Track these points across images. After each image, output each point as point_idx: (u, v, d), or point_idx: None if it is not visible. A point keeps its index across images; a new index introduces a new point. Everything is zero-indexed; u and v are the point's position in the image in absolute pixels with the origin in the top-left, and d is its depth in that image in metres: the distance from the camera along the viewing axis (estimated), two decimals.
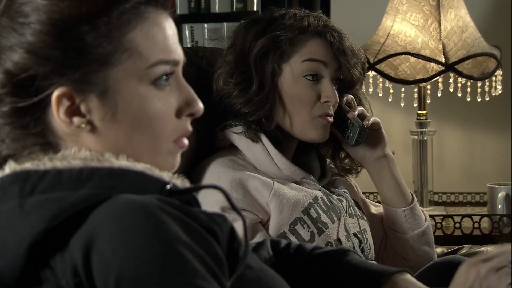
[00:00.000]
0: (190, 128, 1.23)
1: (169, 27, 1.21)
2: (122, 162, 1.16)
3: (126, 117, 1.17)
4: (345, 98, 1.99)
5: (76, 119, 1.17)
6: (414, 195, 2.07)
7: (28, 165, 1.15)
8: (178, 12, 3.10)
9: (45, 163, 1.15)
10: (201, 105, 1.23)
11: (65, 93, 1.15)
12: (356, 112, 1.96)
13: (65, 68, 1.14)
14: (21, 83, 1.15)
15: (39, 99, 1.15)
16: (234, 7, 3.13)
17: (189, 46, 3.06)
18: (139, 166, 1.16)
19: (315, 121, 1.92)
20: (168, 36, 1.20)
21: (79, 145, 1.18)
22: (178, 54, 1.22)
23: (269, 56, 1.91)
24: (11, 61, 1.15)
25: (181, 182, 1.18)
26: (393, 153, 2.07)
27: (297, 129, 1.93)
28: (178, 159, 1.23)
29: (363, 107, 2.03)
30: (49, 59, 1.14)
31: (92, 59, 1.15)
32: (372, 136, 2.00)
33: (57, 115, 1.16)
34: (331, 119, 1.93)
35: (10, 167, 1.16)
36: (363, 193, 2.17)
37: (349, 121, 1.96)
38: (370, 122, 1.97)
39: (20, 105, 1.16)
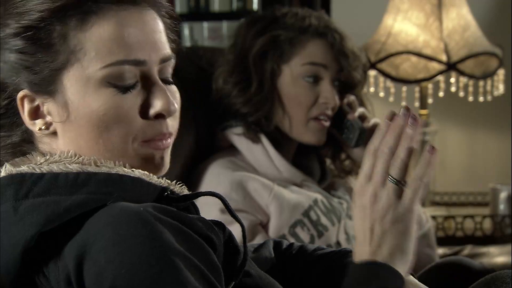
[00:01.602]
0: (165, 129, 1.17)
1: (135, 25, 1.15)
2: (120, 168, 1.14)
3: (81, 119, 1.15)
4: (346, 99, 1.97)
5: (38, 122, 1.16)
6: None
7: (24, 168, 1.14)
8: (177, 10, 3.08)
9: (42, 166, 1.14)
10: (170, 104, 1.16)
11: (25, 95, 1.15)
12: (357, 114, 1.95)
13: (21, 71, 1.15)
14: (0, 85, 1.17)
15: (10, 101, 1.16)
16: (234, 5, 3.12)
17: (188, 45, 3.05)
18: (137, 172, 1.14)
19: (310, 125, 1.91)
20: (128, 34, 1.14)
21: (51, 148, 1.18)
22: (142, 52, 1.15)
23: (268, 55, 1.90)
24: None
25: (179, 189, 1.17)
26: None
27: (294, 131, 1.92)
28: (159, 161, 1.18)
29: (365, 107, 2.02)
30: (9, 62, 1.15)
31: (44, 62, 1.14)
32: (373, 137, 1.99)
33: (23, 117, 1.16)
34: (327, 123, 1.92)
35: (6, 170, 1.16)
36: None
37: (350, 122, 1.95)
38: (370, 124, 1.96)
39: (2, 104, 1.17)
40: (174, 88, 1.20)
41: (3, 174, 1.15)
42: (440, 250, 2.34)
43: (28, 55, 1.14)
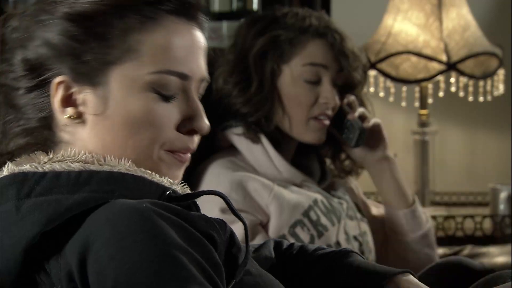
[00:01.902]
0: (191, 145, 1.20)
1: (188, 39, 1.18)
2: (123, 166, 1.15)
3: (116, 117, 1.16)
4: (346, 100, 1.98)
5: (69, 109, 1.16)
6: (416, 197, 2.06)
7: (26, 167, 1.14)
8: None
9: (44, 165, 1.14)
10: (205, 124, 1.20)
11: (63, 81, 1.15)
12: (357, 114, 1.95)
13: (66, 57, 1.14)
14: (32, 67, 1.16)
15: (42, 83, 1.16)
16: (234, 5, 3.12)
17: None
18: (139, 171, 1.15)
19: (311, 124, 1.91)
20: (181, 47, 1.17)
21: (73, 138, 1.17)
22: (190, 68, 1.18)
23: (268, 55, 1.90)
24: (28, 46, 1.17)
25: (181, 188, 1.17)
26: (395, 155, 2.06)
27: (295, 130, 1.92)
28: (176, 172, 1.20)
29: (366, 107, 2.02)
30: (55, 46, 1.14)
31: (96, 53, 1.14)
32: (373, 137, 1.99)
33: (53, 102, 1.16)
34: (327, 122, 1.93)
35: (8, 169, 1.15)
36: (364, 193, 2.17)
37: (350, 122, 1.95)
38: (370, 124, 1.96)
39: (27, 85, 1.16)
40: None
41: (5, 173, 1.15)
42: (440, 250, 2.34)
43: (79, 43, 1.14)
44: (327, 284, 1.39)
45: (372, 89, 2.92)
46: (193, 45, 1.19)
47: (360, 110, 1.97)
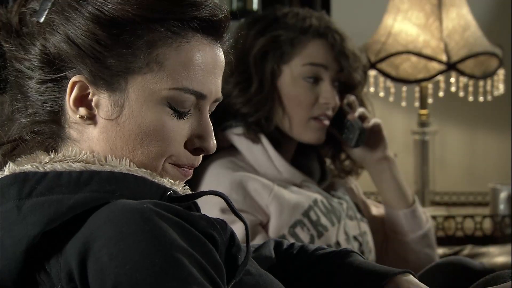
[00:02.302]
0: (196, 163, 1.22)
1: (210, 59, 1.19)
2: (123, 167, 1.15)
3: (130, 125, 1.16)
4: (346, 100, 1.98)
5: (82, 110, 1.16)
6: (416, 197, 2.06)
7: (27, 167, 1.14)
8: None
9: (45, 165, 1.14)
10: (213, 145, 1.21)
11: (80, 81, 1.15)
12: (357, 114, 1.95)
13: (88, 58, 1.15)
14: (49, 61, 1.16)
15: (58, 78, 1.16)
16: (234, 5, 3.12)
17: None
18: (140, 171, 1.15)
19: (310, 124, 1.91)
20: (203, 66, 1.18)
21: (81, 136, 1.18)
22: (208, 88, 1.19)
23: (269, 56, 1.90)
24: (50, 39, 1.17)
25: (182, 189, 1.18)
26: (395, 155, 2.06)
27: (295, 130, 1.92)
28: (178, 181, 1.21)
29: (366, 108, 2.02)
30: (78, 45, 1.15)
31: (119, 60, 1.15)
32: (373, 138, 1.99)
33: (68, 100, 1.16)
34: (327, 122, 1.93)
35: (9, 169, 1.16)
36: (364, 193, 2.17)
37: (350, 122, 1.94)
38: (370, 124, 1.96)
39: (41, 77, 1.16)
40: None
41: (6, 173, 1.15)
42: (440, 250, 2.34)
43: (103, 47, 1.14)
44: (327, 284, 1.39)
45: (372, 89, 2.92)
46: (214, 65, 1.20)
47: (360, 110, 1.97)
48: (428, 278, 1.68)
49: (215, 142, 1.22)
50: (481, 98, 2.95)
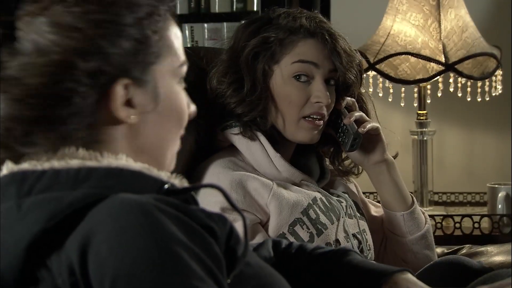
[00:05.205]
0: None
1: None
2: (120, 162, 1.16)
3: (163, 110, 1.21)
4: (345, 102, 1.97)
5: (130, 111, 1.18)
6: (414, 199, 2.05)
7: (25, 165, 1.15)
8: (178, 12, 3.09)
9: (43, 163, 1.14)
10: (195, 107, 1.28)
11: (124, 84, 1.17)
12: (353, 118, 1.93)
13: (129, 60, 1.17)
14: (92, 69, 1.16)
15: (102, 85, 1.16)
16: (234, 7, 3.12)
17: (189, 46, 3.06)
18: (137, 166, 1.16)
19: (302, 123, 1.90)
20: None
21: (112, 134, 1.19)
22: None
23: (260, 56, 1.90)
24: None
25: (179, 182, 1.18)
26: (396, 154, 2.05)
27: (287, 130, 1.92)
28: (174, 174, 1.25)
29: (366, 108, 2.01)
30: (120, 47, 1.17)
31: (148, 54, 1.19)
32: (370, 141, 1.98)
33: (113, 105, 1.17)
34: (320, 122, 1.91)
35: (7, 168, 1.16)
36: (364, 193, 2.17)
37: (345, 126, 1.94)
38: (365, 129, 1.94)
39: (85, 88, 1.16)
40: None
41: (4, 172, 1.16)
42: (439, 249, 2.34)
43: (139, 44, 1.18)
44: (326, 283, 1.40)
45: (371, 90, 2.93)
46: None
47: (357, 114, 1.95)
48: (427, 277, 1.69)
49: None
50: (479, 99, 2.96)
